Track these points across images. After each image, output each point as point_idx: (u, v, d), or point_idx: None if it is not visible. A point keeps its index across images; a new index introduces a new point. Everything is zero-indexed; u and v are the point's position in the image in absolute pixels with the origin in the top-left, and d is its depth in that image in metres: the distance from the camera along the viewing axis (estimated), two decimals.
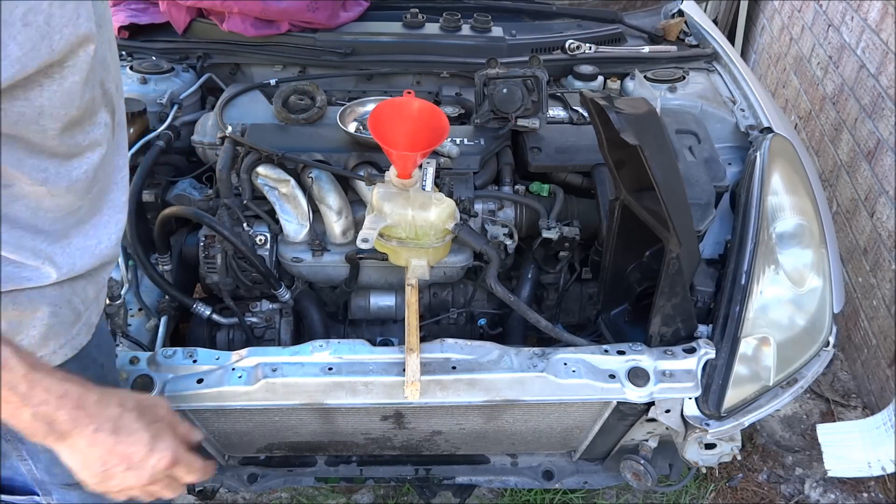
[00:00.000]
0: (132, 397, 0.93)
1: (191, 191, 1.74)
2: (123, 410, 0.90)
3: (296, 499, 2.22)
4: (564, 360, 1.39)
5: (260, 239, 1.65)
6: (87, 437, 0.86)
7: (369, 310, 1.77)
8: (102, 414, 0.87)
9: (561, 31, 2.21)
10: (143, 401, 0.94)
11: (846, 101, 2.84)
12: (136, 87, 1.90)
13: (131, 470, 0.90)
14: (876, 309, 2.53)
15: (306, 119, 1.76)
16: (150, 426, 0.92)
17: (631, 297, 1.62)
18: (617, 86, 2.08)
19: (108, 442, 0.88)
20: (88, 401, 0.86)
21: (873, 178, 2.56)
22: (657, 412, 1.44)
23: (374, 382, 1.36)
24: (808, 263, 1.51)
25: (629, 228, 1.51)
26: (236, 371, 1.36)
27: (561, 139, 1.78)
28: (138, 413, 0.91)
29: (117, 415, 0.89)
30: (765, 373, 1.43)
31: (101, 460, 0.88)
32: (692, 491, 2.27)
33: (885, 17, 2.58)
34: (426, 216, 1.45)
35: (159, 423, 0.94)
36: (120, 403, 0.90)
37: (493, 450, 1.90)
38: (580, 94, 1.45)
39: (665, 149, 1.25)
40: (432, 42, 2.08)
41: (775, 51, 3.79)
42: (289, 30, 2.04)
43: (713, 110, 1.92)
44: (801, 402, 2.58)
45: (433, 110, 1.48)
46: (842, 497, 2.29)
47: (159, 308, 1.64)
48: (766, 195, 1.57)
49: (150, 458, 0.91)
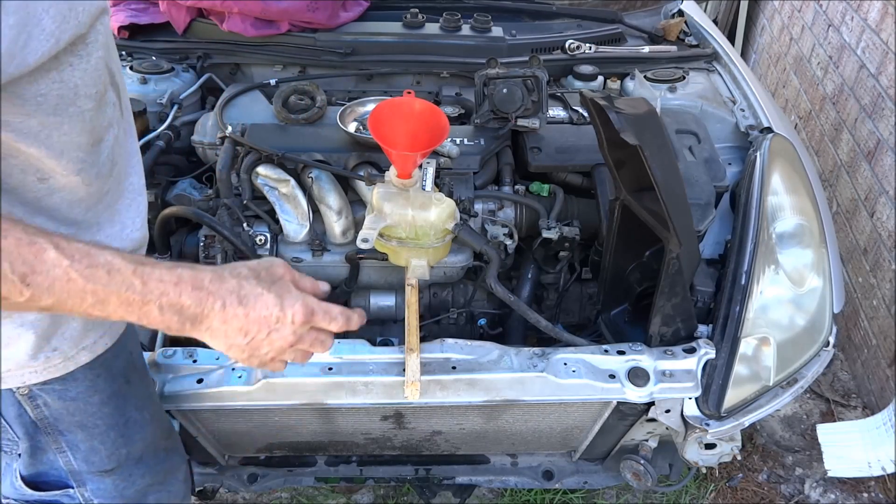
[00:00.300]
0: (244, 265, 0.92)
1: (191, 191, 1.74)
2: (240, 279, 0.88)
3: (296, 499, 2.22)
4: (564, 360, 1.39)
5: (260, 239, 1.65)
6: (217, 315, 0.85)
7: (369, 310, 1.77)
8: (222, 288, 0.86)
9: (561, 31, 2.21)
10: (256, 266, 0.92)
11: (846, 101, 2.84)
12: (136, 87, 1.90)
13: (273, 332, 0.89)
14: (876, 309, 2.53)
15: (306, 119, 1.76)
16: (272, 286, 0.90)
17: (631, 297, 1.62)
18: (617, 86, 2.07)
19: (239, 313, 0.86)
20: (204, 280, 0.85)
21: (873, 178, 2.56)
22: (657, 412, 1.44)
23: (374, 382, 1.36)
24: (808, 263, 1.51)
25: (629, 228, 1.51)
26: (236, 371, 1.37)
27: (561, 139, 1.78)
28: (256, 278, 0.90)
29: (236, 285, 0.87)
30: (765, 373, 1.43)
31: (242, 331, 0.87)
32: (692, 491, 2.27)
33: (885, 17, 2.58)
34: (426, 216, 1.45)
35: (280, 282, 0.92)
36: (235, 274, 0.88)
37: (493, 450, 1.90)
38: (580, 94, 1.45)
39: (665, 149, 1.25)
40: (432, 42, 2.08)
41: (775, 51, 3.79)
42: (289, 30, 2.04)
43: (713, 110, 1.92)
44: (801, 402, 2.58)
45: (433, 110, 1.48)
46: (842, 497, 2.29)
47: None
48: (766, 195, 1.57)
49: (285, 315, 0.89)
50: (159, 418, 1.26)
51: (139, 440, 1.18)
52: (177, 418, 1.45)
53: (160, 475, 1.26)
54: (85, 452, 1.13)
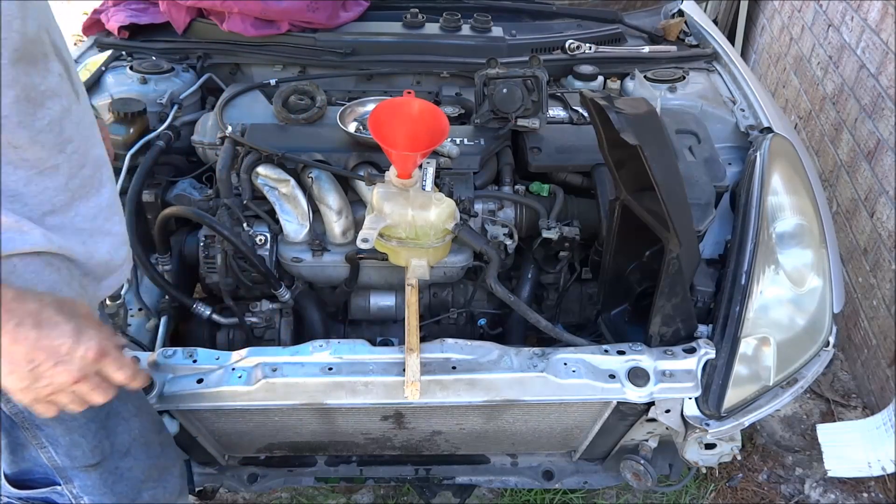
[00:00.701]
0: (49, 294, 0.89)
1: (191, 191, 1.74)
2: (42, 305, 0.86)
3: (296, 499, 2.22)
4: (564, 360, 1.39)
5: (260, 239, 1.65)
6: (9, 334, 0.82)
7: (369, 310, 1.77)
8: (22, 309, 0.84)
9: (561, 31, 2.21)
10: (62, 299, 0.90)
11: (846, 101, 2.84)
12: (136, 87, 1.90)
13: (60, 364, 0.86)
14: (876, 309, 2.53)
15: (306, 119, 1.76)
16: (73, 319, 0.88)
17: (631, 297, 1.62)
18: (617, 86, 2.08)
19: (32, 336, 0.84)
20: (6, 297, 0.83)
21: (873, 178, 2.56)
22: (657, 412, 1.44)
23: (374, 382, 1.36)
24: (808, 263, 1.51)
25: (629, 228, 1.51)
26: (236, 371, 1.36)
27: (561, 139, 1.78)
28: (58, 307, 0.87)
29: (37, 309, 0.85)
30: (765, 373, 1.43)
31: (27, 357, 0.84)
32: (692, 491, 2.27)
33: (885, 17, 2.58)
34: (426, 216, 1.45)
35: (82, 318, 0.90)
36: (38, 299, 0.86)
37: (493, 450, 1.90)
38: (580, 94, 1.45)
39: (665, 149, 1.25)
40: (432, 42, 2.08)
41: (775, 51, 3.79)
42: (289, 30, 2.04)
43: (713, 110, 1.92)
44: (801, 402, 2.58)
45: (433, 110, 1.48)
46: (842, 497, 2.28)
47: (159, 308, 1.64)
48: (766, 195, 1.56)
49: (77, 348, 0.87)
50: (146, 411, 1.24)
51: (124, 433, 1.16)
52: (176, 418, 1.45)
53: (154, 471, 1.24)
54: (66, 447, 1.10)
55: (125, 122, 1.74)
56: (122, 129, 1.73)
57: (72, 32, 4.88)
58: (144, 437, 1.21)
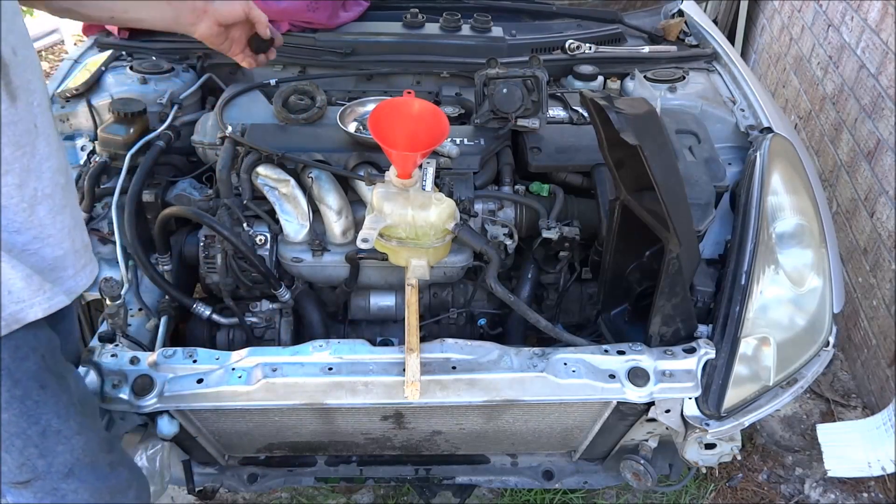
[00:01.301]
0: None
1: (191, 191, 1.74)
2: None
3: (296, 499, 2.22)
4: (564, 360, 1.39)
5: (260, 239, 1.65)
6: None
7: (369, 310, 1.77)
8: None
9: (561, 31, 2.21)
10: None
11: (846, 101, 2.84)
12: (136, 87, 1.90)
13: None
14: (876, 309, 2.53)
15: (306, 119, 1.76)
16: None
17: (631, 297, 1.62)
18: (617, 86, 2.07)
19: None
20: None
21: (873, 178, 2.56)
22: (657, 412, 1.44)
23: (374, 382, 1.36)
24: (808, 263, 1.51)
25: (629, 228, 1.51)
26: (236, 371, 1.36)
27: (561, 139, 1.78)
28: None
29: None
30: (765, 373, 1.43)
31: None
32: (692, 491, 2.27)
33: (885, 17, 2.58)
34: (426, 216, 1.45)
35: None
36: None
37: (493, 450, 1.90)
38: (580, 94, 1.45)
39: (665, 149, 1.25)
40: (432, 42, 2.08)
41: (775, 51, 3.79)
42: (289, 30, 2.04)
43: (713, 110, 1.92)
44: (801, 402, 2.58)
45: (433, 110, 1.48)
46: (842, 497, 2.29)
47: (159, 308, 1.64)
48: (766, 195, 1.57)
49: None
50: (93, 429, 1.17)
51: (64, 452, 1.10)
52: (176, 418, 1.45)
53: (104, 494, 1.18)
54: None
55: (125, 122, 1.74)
56: (122, 129, 1.73)
57: (72, 32, 4.90)
58: (90, 456, 1.14)
